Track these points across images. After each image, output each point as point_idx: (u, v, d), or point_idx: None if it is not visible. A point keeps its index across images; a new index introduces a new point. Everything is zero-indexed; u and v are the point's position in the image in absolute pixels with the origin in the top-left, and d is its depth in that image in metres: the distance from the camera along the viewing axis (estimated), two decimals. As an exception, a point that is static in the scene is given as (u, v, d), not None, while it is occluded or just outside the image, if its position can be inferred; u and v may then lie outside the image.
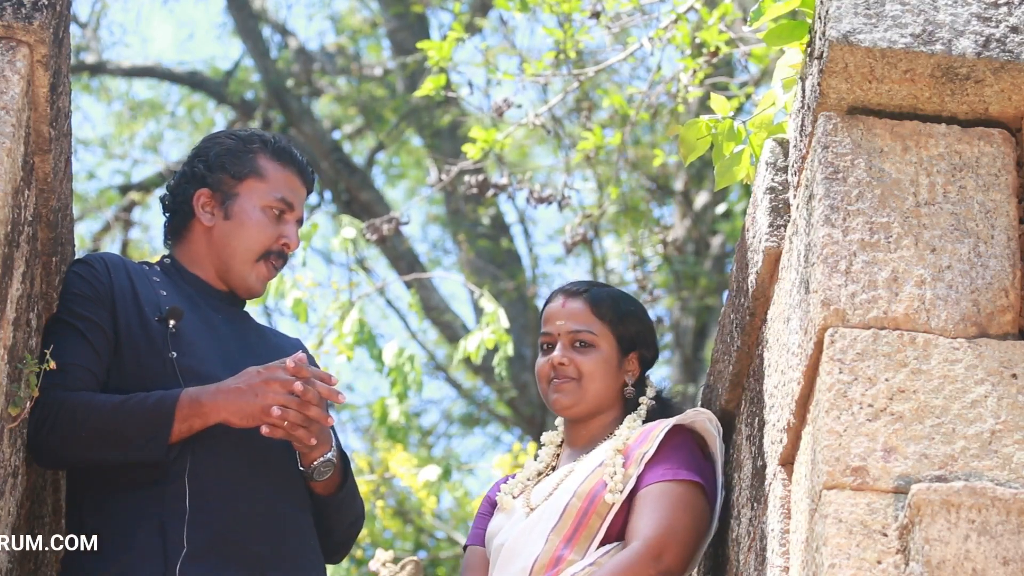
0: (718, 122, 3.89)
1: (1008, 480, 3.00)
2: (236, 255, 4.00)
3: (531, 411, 12.57)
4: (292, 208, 4.04)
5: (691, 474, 3.90)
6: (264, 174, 4.03)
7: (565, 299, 4.16)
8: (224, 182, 4.02)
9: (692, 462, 3.93)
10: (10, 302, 3.45)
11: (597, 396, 4.09)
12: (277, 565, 3.77)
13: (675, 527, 3.84)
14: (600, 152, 8.12)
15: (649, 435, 3.97)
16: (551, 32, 7.53)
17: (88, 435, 3.69)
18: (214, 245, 4.02)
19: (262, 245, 4.01)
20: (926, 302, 3.14)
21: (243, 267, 4.01)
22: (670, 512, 3.85)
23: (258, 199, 4.01)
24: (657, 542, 3.81)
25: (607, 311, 4.13)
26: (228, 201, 4.01)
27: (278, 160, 4.06)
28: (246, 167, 4.03)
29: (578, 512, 3.91)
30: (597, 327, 4.11)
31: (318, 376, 3.76)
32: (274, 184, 4.03)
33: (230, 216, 4.01)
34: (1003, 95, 3.26)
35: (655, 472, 3.91)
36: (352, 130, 15.06)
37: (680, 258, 12.20)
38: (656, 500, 3.87)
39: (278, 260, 4.04)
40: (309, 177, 4.12)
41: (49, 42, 3.47)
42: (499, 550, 3.99)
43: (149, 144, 15.24)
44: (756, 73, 9.82)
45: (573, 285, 4.21)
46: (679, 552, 3.83)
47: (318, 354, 8.27)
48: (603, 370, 4.09)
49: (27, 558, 3.84)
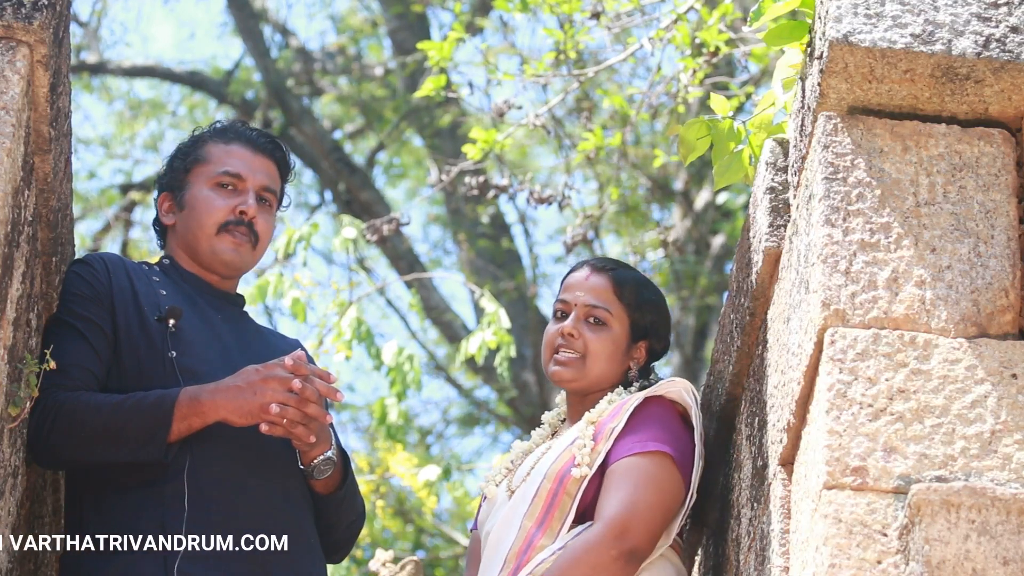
0: (718, 122, 3.89)
1: (1008, 480, 3.00)
2: (198, 237, 4.03)
3: (531, 411, 12.56)
4: (242, 178, 4.05)
5: (659, 444, 3.86)
6: (207, 157, 4.08)
7: (590, 272, 4.15)
8: (176, 179, 4.09)
9: (663, 432, 3.89)
10: (10, 302, 3.45)
11: (599, 376, 4.08)
12: (277, 564, 3.77)
13: (639, 504, 3.80)
14: (600, 152, 8.12)
15: (620, 409, 3.94)
16: (551, 32, 7.53)
17: (87, 435, 3.69)
18: (180, 239, 4.07)
19: (215, 219, 4.03)
20: (926, 302, 3.14)
21: (206, 244, 4.03)
22: (634, 488, 3.81)
23: (204, 180, 4.06)
24: (620, 521, 3.78)
25: (628, 294, 4.12)
26: (180, 194, 4.07)
27: (221, 139, 4.11)
28: (191, 156, 4.10)
29: (548, 493, 3.88)
30: (615, 307, 4.10)
31: (317, 374, 3.76)
32: (217, 162, 4.07)
33: (183, 206, 4.07)
34: (1003, 95, 3.26)
35: (623, 445, 3.88)
36: (352, 130, 15.06)
37: (680, 258, 12.20)
38: (622, 477, 3.83)
39: (240, 228, 4.03)
40: (264, 146, 4.12)
41: (49, 42, 3.47)
42: (486, 539, 4.00)
43: (150, 144, 15.25)
44: (756, 73, 9.81)
45: (601, 261, 4.21)
46: (644, 530, 3.79)
47: (317, 354, 8.27)
48: (610, 351, 4.08)
49: (27, 558, 3.84)
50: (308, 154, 13.47)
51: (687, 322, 12.70)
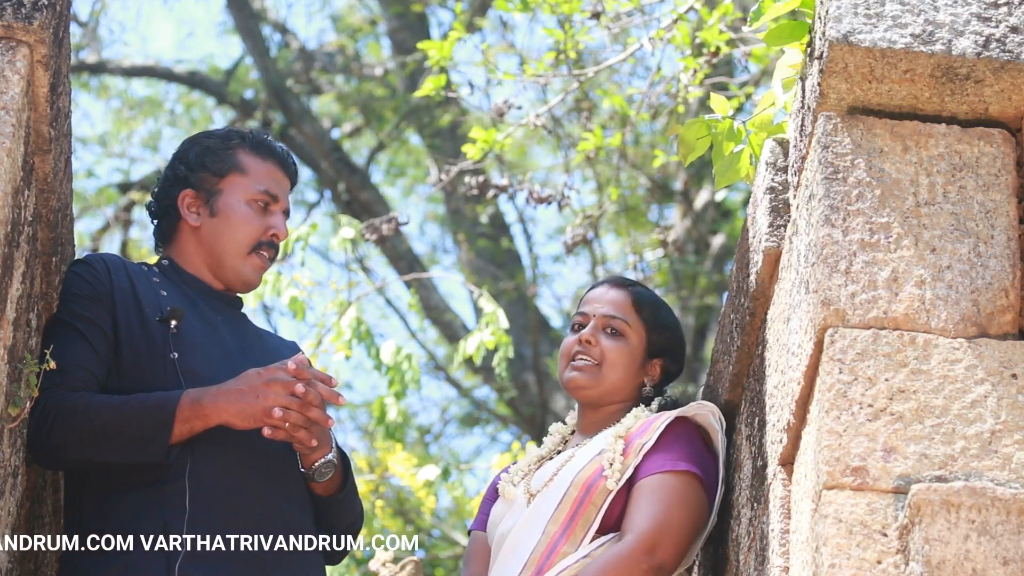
0: (718, 122, 3.89)
1: (1008, 480, 3.00)
2: (227, 250, 4.02)
3: (531, 411, 12.57)
4: (276, 199, 4.07)
5: (689, 465, 3.90)
6: (245, 168, 4.06)
7: (610, 287, 4.23)
8: (206, 180, 4.05)
9: (691, 454, 3.93)
10: (10, 302, 3.45)
11: (614, 386, 4.10)
12: (278, 565, 3.77)
13: (670, 521, 3.83)
14: (600, 152, 8.12)
15: (650, 426, 3.97)
16: (551, 32, 7.53)
17: (88, 436, 3.69)
18: (204, 243, 4.03)
19: (251, 238, 4.03)
20: (926, 302, 3.14)
21: (235, 261, 4.02)
22: (665, 505, 3.84)
23: (242, 193, 4.04)
24: (651, 536, 3.81)
25: (646, 310, 4.18)
26: (212, 198, 4.03)
27: (258, 153, 4.08)
28: (227, 163, 4.05)
29: (574, 501, 3.90)
30: (633, 320, 4.15)
31: (319, 378, 3.77)
32: (256, 177, 4.05)
33: (216, 213, 4.03)
34: (1003, 95, 3.26)
35: (653, 462, 3.91)
36: (352, 129, 15.06)
37: (680, 258, 12.20)
38: (652, 493, 3.87)
39: (269, 250, 4.06)
40: (291, 168, 4.15)
41: (49, 42, 3.47)
42: (501, 540, 4.00)
43: (148, 142, 15.25)
44: (756, 73, 9.81)
45: (620, 278, 4.29)
46: (673, 546, 3.82)
47: (316, 354, 8.27)
48: (626, 361, 4.11)
49: (27, 558, 3.84)
50: (307, 154, 13.47)
51: (687, 322, 12.69)
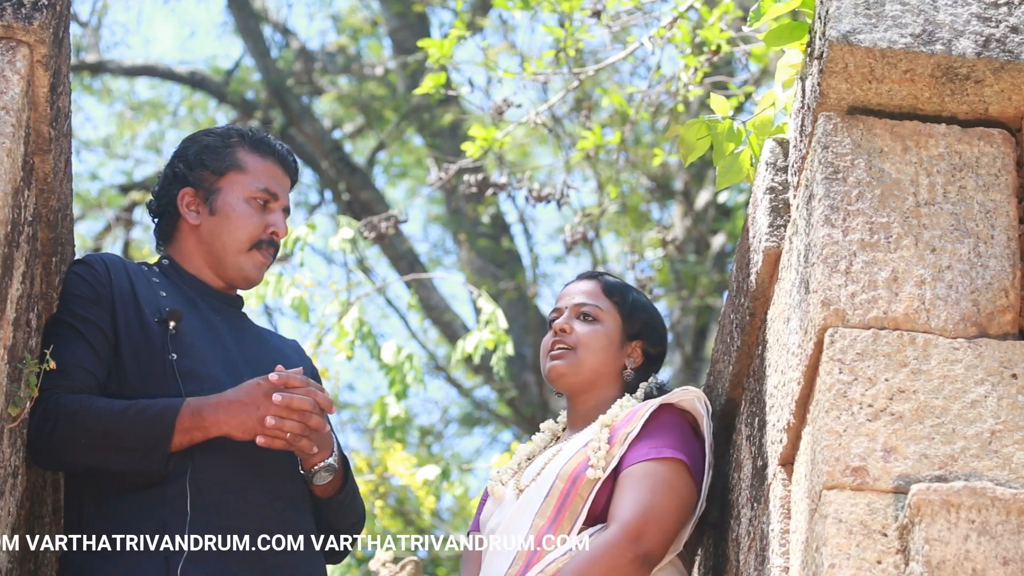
0: (718, 122, 3.89)
1: (1008, 480, 2.99)
2: (227, 248, 4.02)
3: (531, 411, 12.57)
4: (276, 197, 4.07)
5: (675, 452, 3.88)
6: (244, 166, 4.06)
7: (580, 279, 4.27)
8: (206, 179, 4.05)
9: (677, 441, 3.91)
10: (10, 302, 3.45)
11: (593, 369, 4.11)
12: (278, 565, 3.77)
13: (655, 509, 3.82)
14: (600, 151, 8.12)
15: (635, 415, 3.96)
16: (551, 31, 7.53)
17: (88, 441, 3.69)
18: (204, 242, 4.04)
19: (251, 236, 4.03)
20: (926, 302, 3.14)
21: (236, 258, 4.03)
22: (650, 493, 3.83)
23: (241, 191, 4.04)
24: (636, 525, 3.80)
25: (617, 294, 4.20)
26: (212, 197, 4.04)
27: (257, 151, 4.08)
28: (226, 161, 4.06)
29: (561, 494, 3.90)
30: (605, 304, 4.18)
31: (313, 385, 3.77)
32: (255, 175, 4.06)
33: (215, 211, 4.03)
34: (1003, 95, 3.26)
35: (638, 451, 3.90)
36: (353, 129, 15.06)
37: (680, 258, 12.20)
38: (637, 481, 3.85)
39: (269, 248, 4.06)
40: (291, 166, 4.15)
41: (49, 42, 3.47)
42: (491, 535, 4.00)
43: (151, 144, 15.25)
44: (756, 73, 9.81)
45: (589, 271, 4.33)
46: (659, 534, 3.81)
47: (317, 354, 8.27)
48: (602, 343, 4.12)
49: (27, 558, 3.83)
50: (308, 154, 13.47)
51: (687, 322, 12.70)
